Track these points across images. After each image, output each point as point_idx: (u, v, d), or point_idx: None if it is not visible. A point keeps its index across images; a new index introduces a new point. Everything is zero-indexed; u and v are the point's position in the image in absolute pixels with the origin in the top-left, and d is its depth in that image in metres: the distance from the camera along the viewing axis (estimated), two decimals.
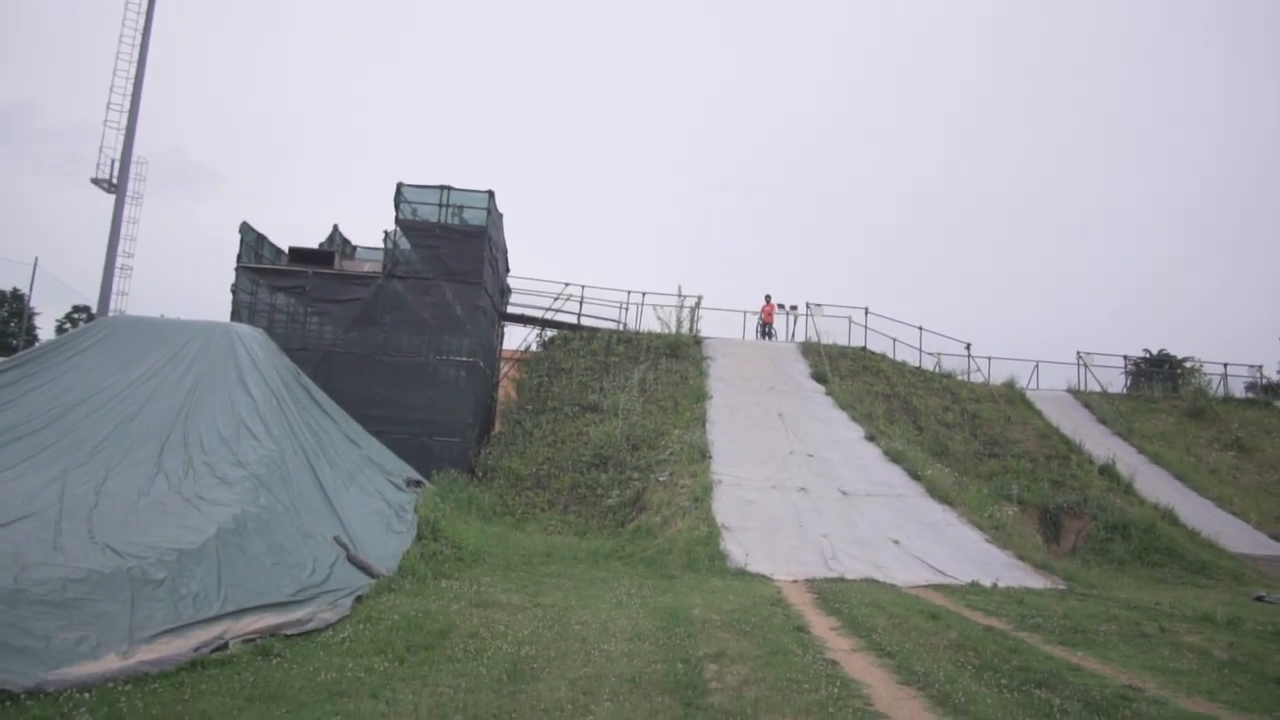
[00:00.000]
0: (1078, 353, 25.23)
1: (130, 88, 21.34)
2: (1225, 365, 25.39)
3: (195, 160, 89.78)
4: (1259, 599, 11.76)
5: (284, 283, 17.63)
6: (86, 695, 4.62)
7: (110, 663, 5.14)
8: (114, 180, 21.24)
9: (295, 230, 47.23)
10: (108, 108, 21.20)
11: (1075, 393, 24.05)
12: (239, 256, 17.51)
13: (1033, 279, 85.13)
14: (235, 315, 16.97)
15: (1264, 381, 27.08)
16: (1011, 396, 22.42)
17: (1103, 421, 21.86)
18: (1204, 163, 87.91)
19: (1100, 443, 19.75)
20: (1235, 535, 15.85)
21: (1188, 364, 27.30)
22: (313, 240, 20.44)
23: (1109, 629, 8.18)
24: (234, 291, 17.29)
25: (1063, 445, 19.38)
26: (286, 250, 18.72)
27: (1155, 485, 17.69)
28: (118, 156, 21.24)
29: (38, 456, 9.02)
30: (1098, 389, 24.35)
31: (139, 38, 21.53)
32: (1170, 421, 22.51)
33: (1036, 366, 24.81)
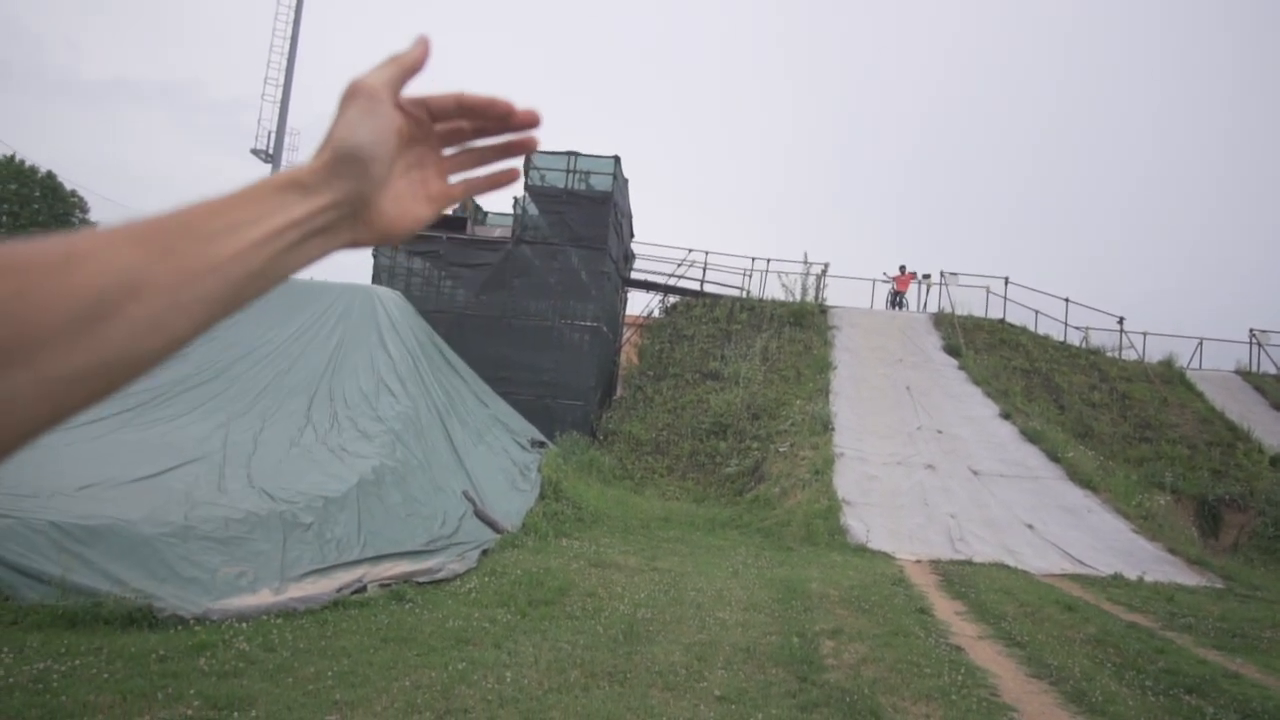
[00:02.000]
0: (1250, 330, 22.84)
1: (285, 63, 22.73)
2: None
3: None
4: None
5: (420, 247, 18.44)
6: (244, 625, 5.08)
7: (264, 597, 5.62)
8: (270, 150, 22.78)
9: None
10: (265, 83, 22.70)
11: (1245, 374, 21.83)
12: None
13: (1203, 251, 77.61)
14: (376, 278, 17.93)
15: None
16: (1169, 376, 20.62)
17: (1277, 407, 19.77)
18: None
19: (1273, 430, 17.88)
20: None
21: None
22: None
23: (1274, 635, 7.45)
24: (374, 255, 18.27)
25: (1227, 431, 17.69)
26: None
27: None
28: (274, 128, 22.75)
29: (206, 405, 9.91)
30: (1273, 371, 22.02)
31: (291, 16, 22.85)
32: None
33: (1200, 344, 22.66)
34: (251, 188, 0.56)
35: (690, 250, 22.85)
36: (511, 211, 19.03)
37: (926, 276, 23.78)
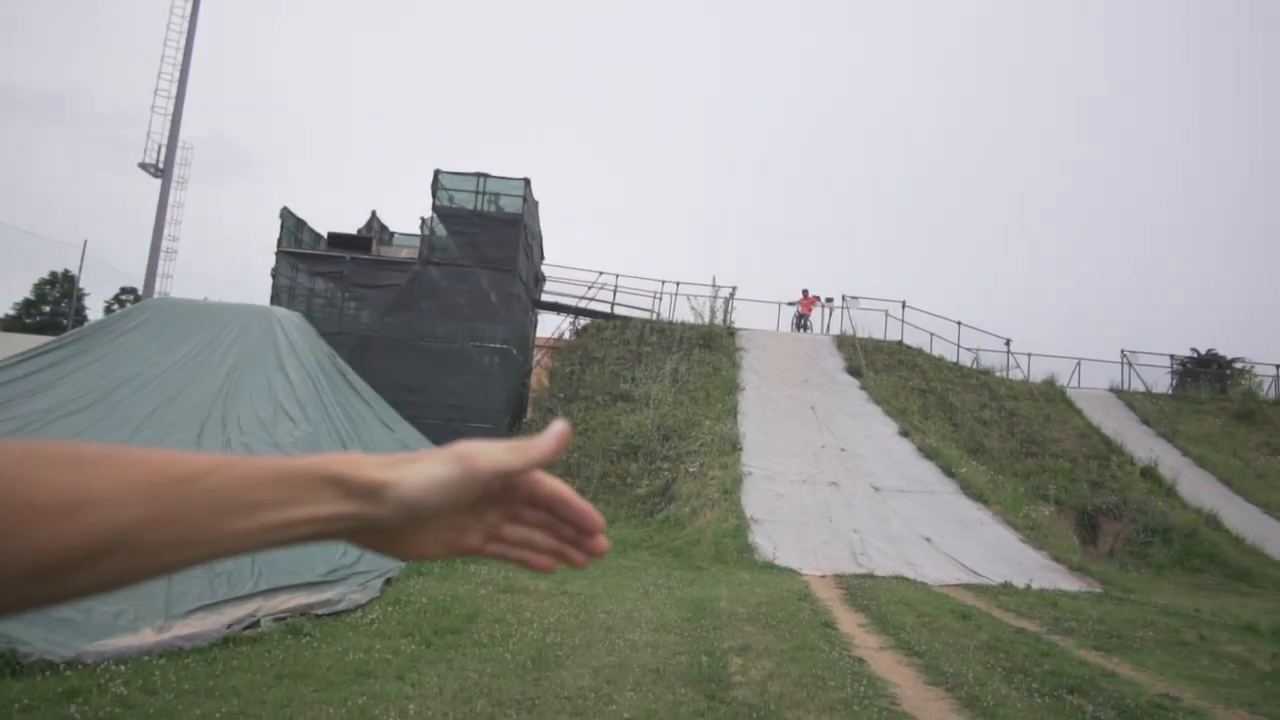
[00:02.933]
0: (1122, 351, 24.64)
1: (176, 75, 21.77)
2: (1277, 366, 24.62)
3: (236, 145, 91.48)
4: None
5: (323, 268, 17.90)
6: (123, 667, 4.74)
7: (146, 637, 5.27)
8: (160, 165, 21.71)
9: (334, 216, 47.97)
10: (155, 94, 21.67)
11: (1118, 392, 23.49)
12: (279, 241, 17.80)
13: (1077, 278, 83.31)
14: (275, 299, 17.27)
15: None
16: (1051, 394, 21.97)
17: (1146, 422, 21.33)
18: (1257, 160, 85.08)
19: (1143, 444, 19.28)
20: None
21: (1237, 364, 26.50)
22: (351, 226, 20.73)
23: (1146, 635, 7.99)
24: (274, 275, 17.60)
25: (1103, 445, 18.96)
26: (325, 235, 18.98)
27: (1199, 489, 17.22)
28: (164, 142, 21.70)
29: (84, 433, 9.26)
30: (1142, 389, 23.76)
31: (186, 25, 21.94)
32: (1217, 424, 21.89)
33: (1078, 364, 24.27)
34: (297, 466, 0.53)
35: (601, 273, 23.01)
36: (419, 232, 18.70)
37: (829, 300, 24.65)
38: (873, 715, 4.86)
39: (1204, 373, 26.63)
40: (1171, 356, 26.19)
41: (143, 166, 21.77)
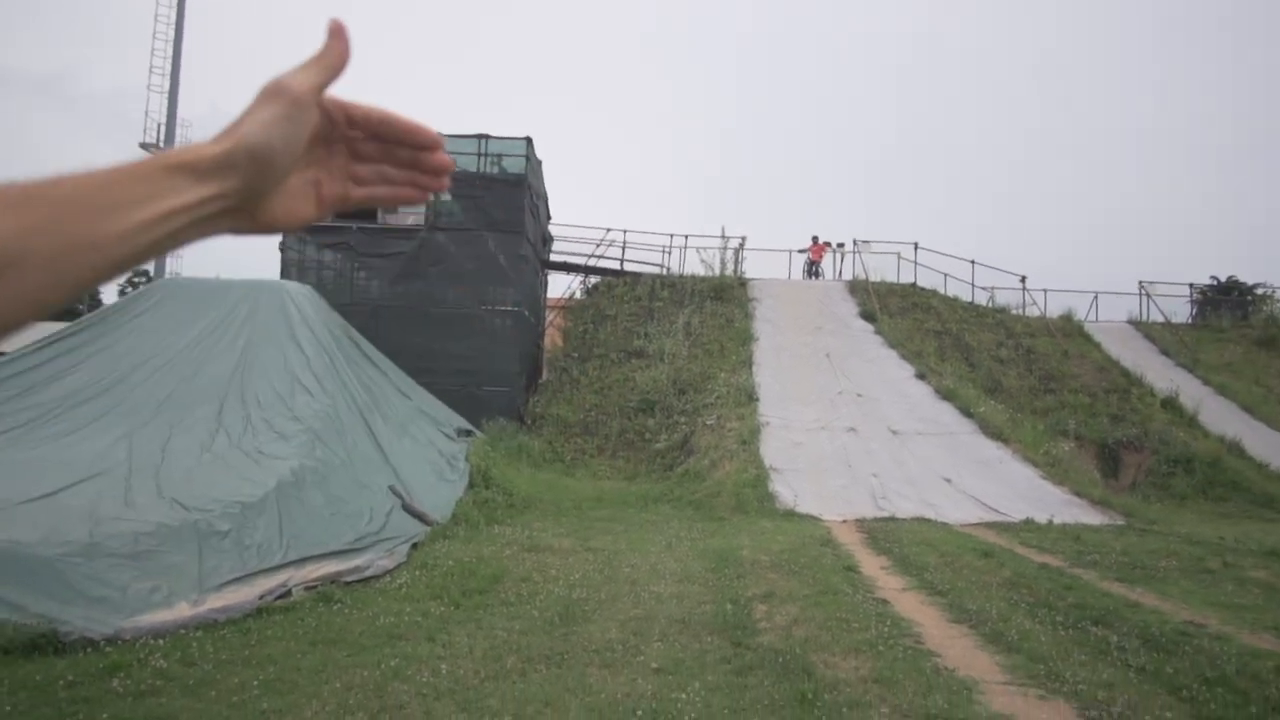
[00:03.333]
0: (1140, 282, 24.26)
1: (170, 51, 21.52)
2: None
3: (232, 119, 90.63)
4: None
5: (330, 239, 17.84)
6: (160, 641, 4.86)
7: (182, 611, 5.39)
8: (161, 144, 21.60)
9: None
10: (150, 72, 21.46)
11: (1137, 324, 23.19)
12: None
13: (1096, 210, 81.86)
14: (285, 273, 17.28)
15: None
16: (1069, 330, 21.75)
17: (1166, 353, 21.10)
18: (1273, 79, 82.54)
19: (1163, 375, 19.10)
20: None
21: (1259, 290, 26.08)
22: None
23: (1169, 565, 8.00)
24: (282, 249, 17.58)
25: (1123, 378, 18.81)
26: None
27: (1221, 417, 17.09)
28: (163, 120, 21.56)
29: (105, 418, 9.39)
30: (1161, 320, 23.46)
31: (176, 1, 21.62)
32: (1239, 351, 21.60)
33: (1096, 298, 23.93)
34: (139, 165, 0.55)
35: (608, 230, 22.80)
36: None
37: (840, 245, 24.36)
38: (897, 655, 4.91)
39: (1225, 300, 26.22)
40: (1191, 285, 25.78)
41: (144, 146, 21.67)
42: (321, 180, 0.64)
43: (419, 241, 17.40)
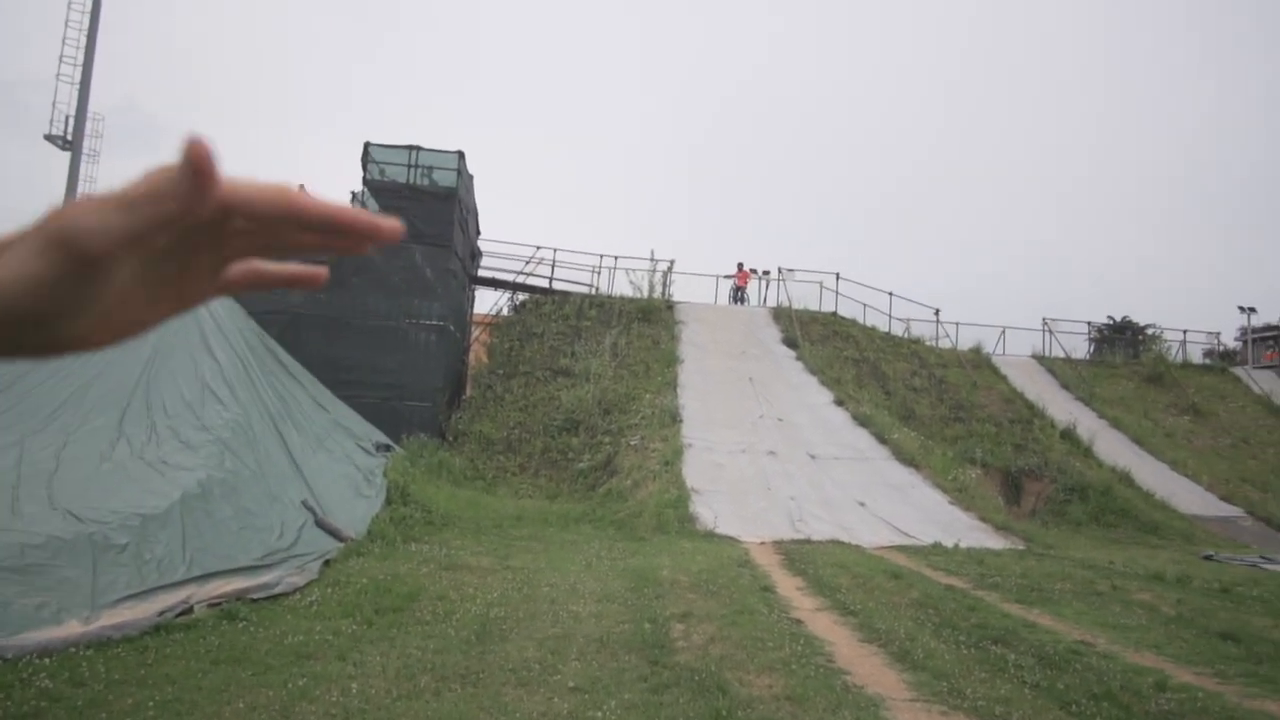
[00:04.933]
0: (1043, 319, 25.66)
1: (84, 41, 20.55)
2: (1185, 332, 26.02)
3: (149, 114, 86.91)
4: (1207, 558, 12.19)
5: None
6: (48, 660, 4.58)
7: (72, 628, 5.09)
8: (69, 137, 20.55)
9: None
10: (60, 61, 20.43)
11: (1040, 359, 24.48)
12: None
13: (1005, 247, 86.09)
14: None
15: (1221, 348, 27.77)
16: (978, 362, 22.78)
17: (1065, 387, 22.31)
18: (1182, 140, 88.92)
19: (1063, 407, 20.19)
20: (1188, 497, 16.36)
21: (1149, 331, 27.89)
22: None
23: (1064, 587, 8.43)
24: None
25: (1026, 410, 19.78)
26: None
27: (1114, 448, 18.16)
28: (72, 112, 20.53)
29: None
30: (1062, 355, 24.81)
31: None
32: (1130, 387, 23.04)
33: (1003, 333, 25.18)
34: None
35: (538, 247, 22.80)
36: (349, 206, 18.17)
37: (766, 272, 24.95)
38: (809, 673, 5.03)
39: (1119, 339, 27.95)
40: (1089, 324, 27.43)
41: (49, 139, 20.55)
42: (187, 275, 0.45)
43: None
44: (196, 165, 0.38)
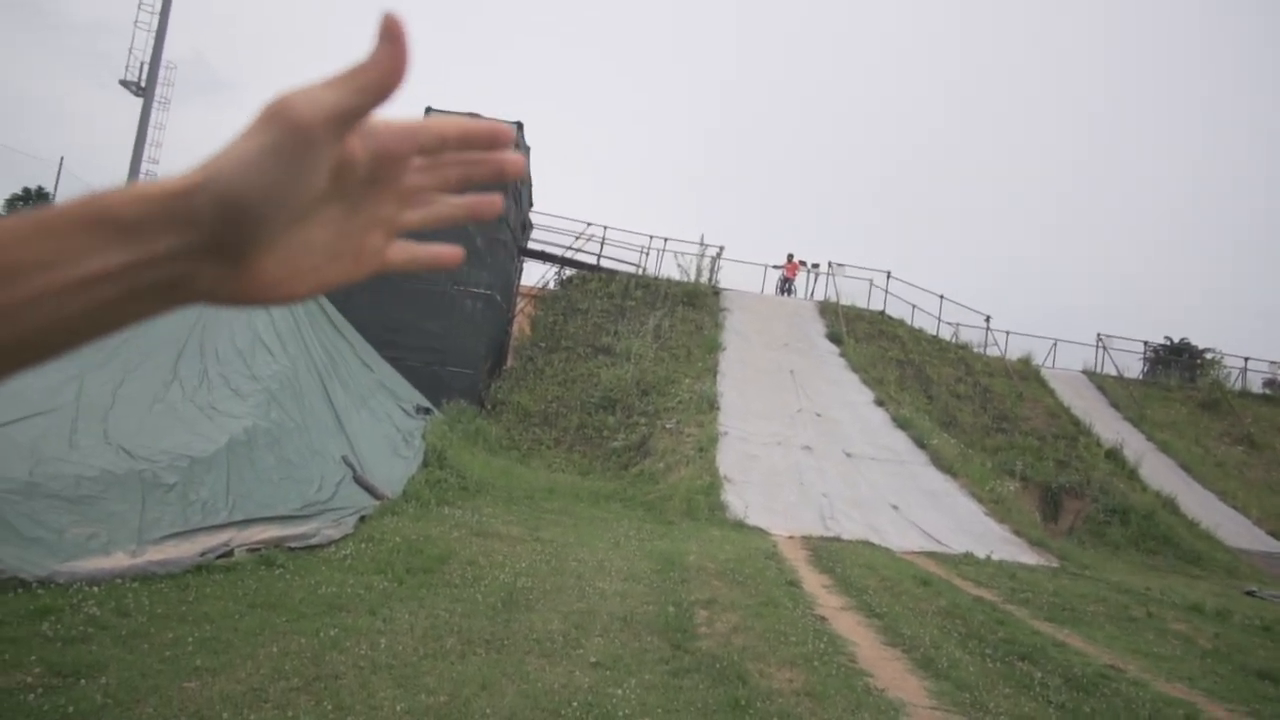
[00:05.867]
0: (1098, 334, 24.98)
1: None
2: (1246, 359, 25.08)
3: (217, 69, 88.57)
4: (1250, 593, 11.81)
5: None
6: (95, 589, 4.77)
7: (119, 560, 5.29)
8: (142, 83, 21.06)
9: None
10: (139, 7, 20.91)
11: (1090, 374, 23.86)
12: None
13: (1063, 261, 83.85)
14: None
15: None
16: (1026, 373, 22.28)
17: (1115, 405, 21.73)
18: (1242, 158, 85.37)
19: (1110, 426, 19.67)
20: (1234, 529, 15.86)
21: (1208, 355, 26.98)
22: None
23: (1097, 609, 8.26)
24: None
25: (1072, 425, 19.32)
26: None
27: (1160, 473, 17.66)
28: (147, 59, 21.03)
29: (48, 363, 9.14)
30: (1114, 373, 24.14)
31: None
32: (1183, 411, 22.34)
33: (1054, 345, 24.59)
34: (48, 216, 0.40)
35: (589, 224, 22.83)
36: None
37: (815, 265, 24.66)
38: (831, 671, 5.01)
39: (1175, 361, 27.10)
40: (1145, 343, 26.61)
41: (124, 84, 21.10)
42: (362, 231, 0.48)
43: None
44: (392, 36, 0.42)
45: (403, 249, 0.52)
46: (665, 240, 23.74)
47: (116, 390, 8.46)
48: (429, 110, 17.16)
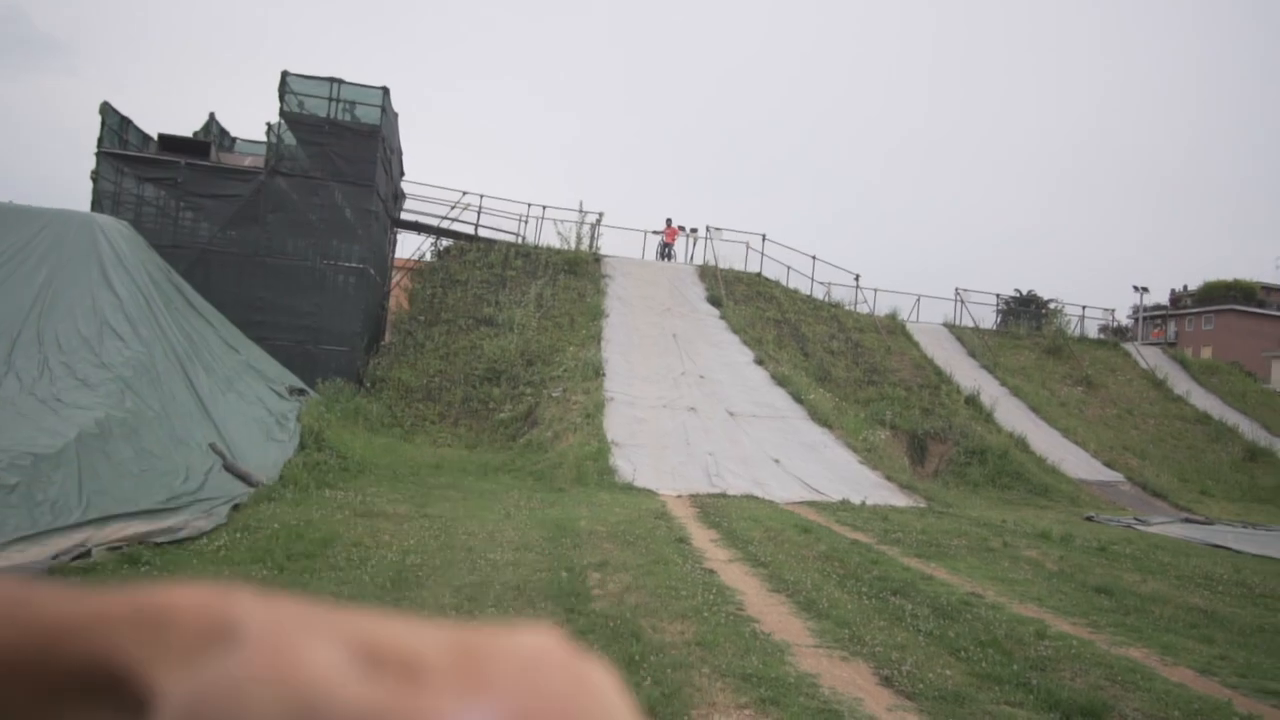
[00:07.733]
0: (956, 289, 26.70)
1: None
2: (1084, 308, 27.45)
3: (39, 27, 79.90)
4: (1089, 519, 13.12)
5: (153, 173, 16.26)
6: None
7: None
8: None
9: (166, 116, 43.43)
10: None
11: (950, 327, 25.47)
12: (100, 141, 15.94)
13: (923, 215, 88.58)
14: (96, 205, 15.57)
15: (1114, 324, 29.51)
16: (893, 328, 23.54)
17: (972, 354, 23.32)
18: (1089, 117, 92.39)
19: (968, 374, 21.13)
20: (1076, 462, 17.47)
21: (1051, 305, 29.33)
22: (186, 129, 18.80)
23: (959, 543, 8.94)
24: (95, 179, 15.82)
25: (935, 375, 20.62)
26: (156, 138, 17.19)
27: (1013, 415, 19.18)
28: None
29: None
30: (971, 324, 25.88)
31: None
32: (1031, 357, 24.26)
33: (918, 300, 26.04)
34: None
35: (465, 193, 22.21)
36: (265, 139, 17.26)
37: (694, 230, 25.00)
38: (720, 621, 5.22)
39: (1024, 311, 29.35)
40: (998, 295, 28.64)
41: None
42: None
43: (257, 185, 16.21)
44: None
45: None
46: (544, 208, 23.59)
47: None
48: (285, 75, 16.16)
